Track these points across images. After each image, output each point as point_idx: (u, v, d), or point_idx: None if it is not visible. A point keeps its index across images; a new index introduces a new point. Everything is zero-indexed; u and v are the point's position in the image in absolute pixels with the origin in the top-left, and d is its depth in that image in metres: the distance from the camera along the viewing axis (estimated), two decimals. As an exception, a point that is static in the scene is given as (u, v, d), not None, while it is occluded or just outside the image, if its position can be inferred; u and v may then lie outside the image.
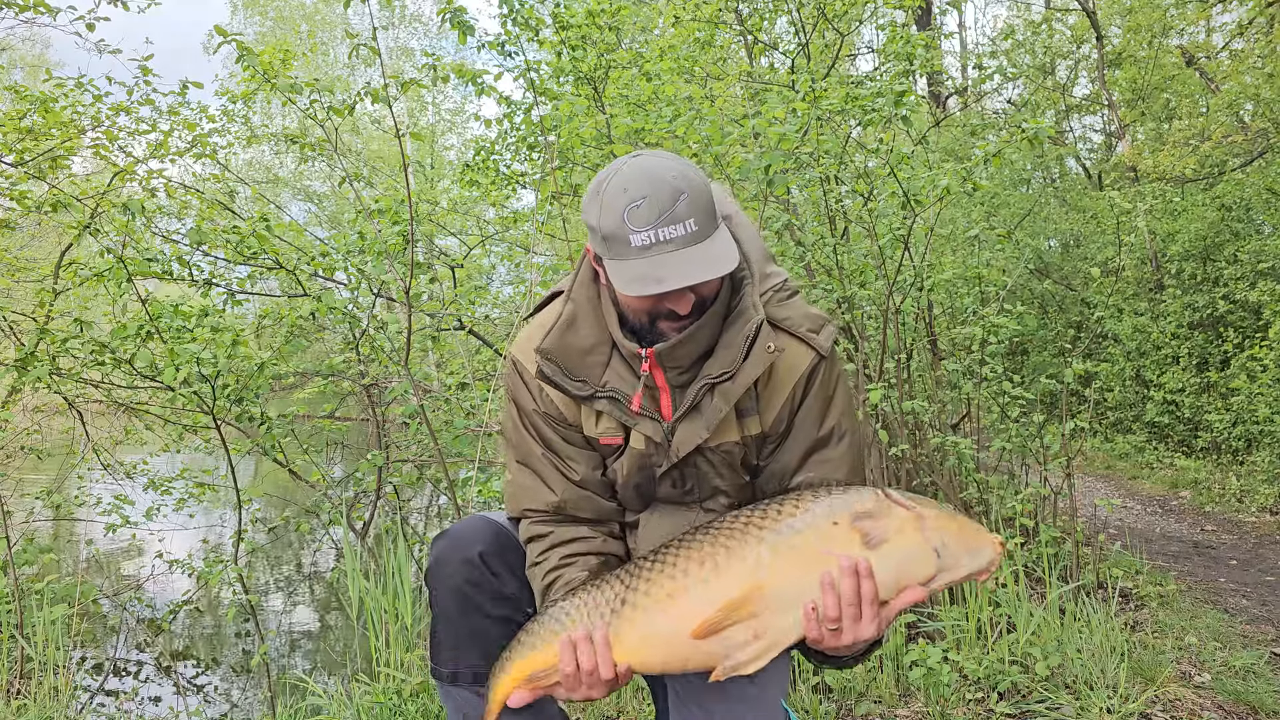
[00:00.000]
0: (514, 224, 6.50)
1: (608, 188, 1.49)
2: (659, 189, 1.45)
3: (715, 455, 1.67)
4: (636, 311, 1.57)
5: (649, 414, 1.63)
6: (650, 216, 1.44)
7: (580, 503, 1.71)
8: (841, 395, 1.69)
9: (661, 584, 1.45)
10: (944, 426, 4.76)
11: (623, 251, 1.46)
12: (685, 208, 1.45)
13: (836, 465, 1.67)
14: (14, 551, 4.06)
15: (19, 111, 4.85)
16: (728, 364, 1.58)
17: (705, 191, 1.49)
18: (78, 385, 5.13)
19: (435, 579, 1.71)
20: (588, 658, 1.46)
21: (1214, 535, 6.38)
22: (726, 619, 1.39)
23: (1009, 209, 11.55)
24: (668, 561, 1.47)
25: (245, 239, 4.21)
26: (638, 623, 1.45)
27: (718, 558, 1.43)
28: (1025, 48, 10.94)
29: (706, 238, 1.47)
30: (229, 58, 20.57)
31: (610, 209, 1.47)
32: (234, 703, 4.34)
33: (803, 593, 1.40)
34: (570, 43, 4.77)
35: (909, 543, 1.40)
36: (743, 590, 1.40)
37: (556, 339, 1.63)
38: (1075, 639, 3.20)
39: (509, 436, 1.78)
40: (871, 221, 4.23)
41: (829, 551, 1.39)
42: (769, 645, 1.40)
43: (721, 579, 1.41)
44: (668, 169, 1.47)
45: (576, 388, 1.63)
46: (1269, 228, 9.48)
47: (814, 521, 1.42)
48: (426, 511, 7.28)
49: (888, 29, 5.03)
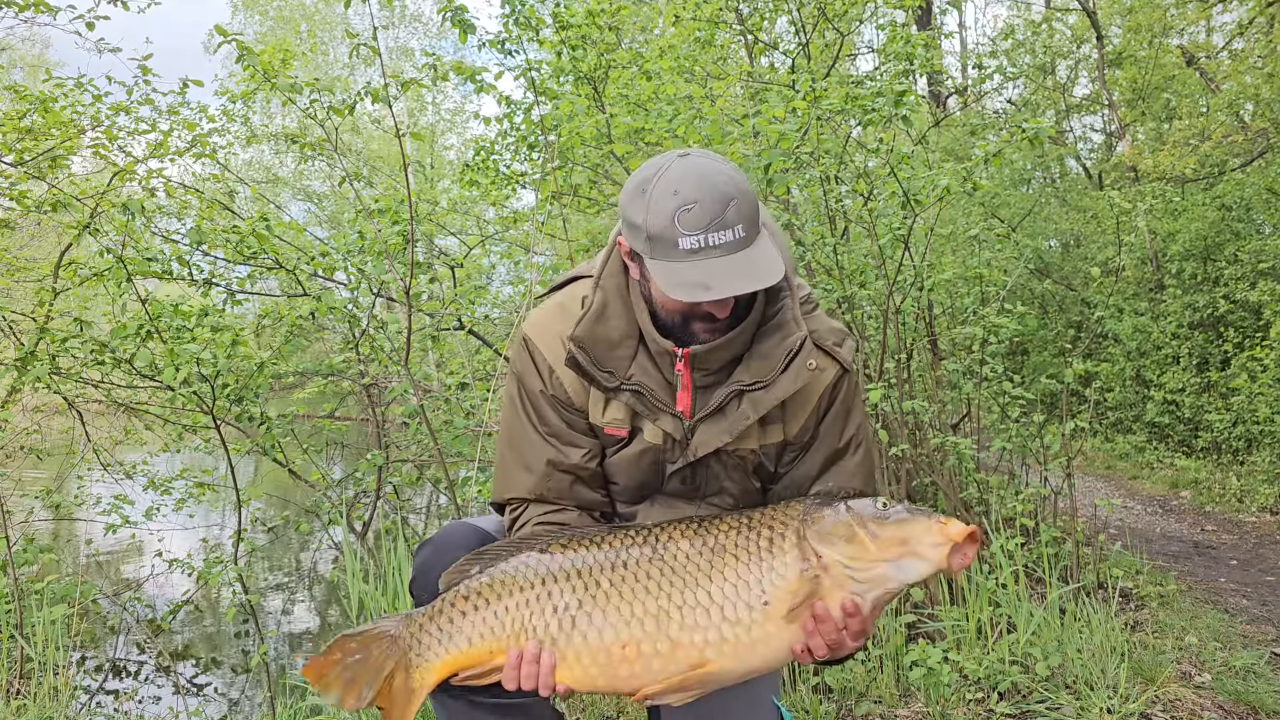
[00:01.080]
0: (514, 224, 6.50)
1: (656, 187, 1.47)
2: (711, 194, 1.43)
3: (731, 459, 1.67)
4: (672, 312, 1.57)
5: (671, 410, 1.63)
6: (701, 221, 1.42)
7: (566, 493, 1.69)
8: (859, 407, 1.72)
9: (616, 626, 1.43)
10: (944, 426, 4.76)
11: (669, 254, 1.45)
12: (734, 213, 1.44)
13: (853, 474, 1.69)
14: (14, 551, 4.06)
15: (19, 111, 4.85)
16: (762, 374, 1.58)
17: (752, 197, 1.49)
18: (77, 385, 5.13)
19: (421, 589, 1.68)
20: (530, 679, 1.44)
21: (1214, 535, 6.38)
22: (667, 691, 1.41)
23: (1009, 209, 11.55)
24: (624, 595, 1.44)
25: (245, 239, 4.21)
26: (583, 654, 1.44)
27: (670, 629, 1.41)
28: (1025, 47, 10.95)
29: (751, 243, 1.47)
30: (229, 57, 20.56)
31: (659, 210, 1.45)
32: (234, 703, 4.34)
33: (746, 669, 1.42)
34: (570, 42, 4.77)
35: (852, 565, 1.40)
36: (689, 667, 1.40)
37: (588, 328, 1.61)
38: (1075, 639, 3.20)
39: (505, 418, 1.75)
40: (871, 221, 4.23)
41: (779, 641, 1.41)
42: (698, 695, 1.43)
43: (674, 654, 1.40)
44: (719, 172, 1.46)
45: (605, 379, 1.61)
46: (1269, 228, 9.47)
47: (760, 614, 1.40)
48: (426, 511, 7.28)
49: (888, 29, 5.03)
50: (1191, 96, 11.72)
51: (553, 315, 1.70)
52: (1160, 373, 9.73)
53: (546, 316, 1.72)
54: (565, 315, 1.68)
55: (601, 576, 1.46)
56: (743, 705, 1.67)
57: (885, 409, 4.12)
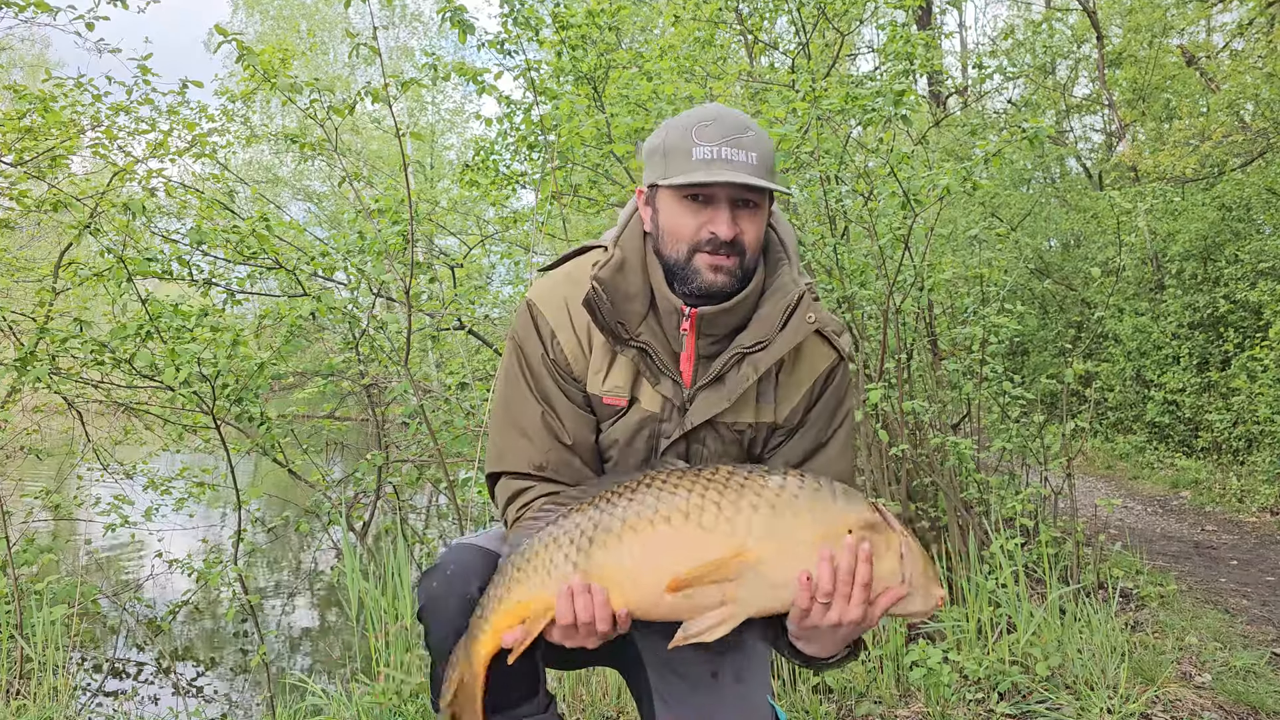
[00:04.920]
0: (514, 224, 6.50)
1: (679, 117, 1.57)
2: (730, 117, 1.52)
3: (728, 433, 1.66)
4: (677, 239, 1.57)
5: (673, 375, 1.63)
6: (716, 135, 1.50)
7: (562, 467, 1.66)
8: (849, 399, 1.73)
9: (643, 520, 1.41)
10: (944, 426, 4.75)
11: (682, 164, 1.51)
12: (751, 140, 1.51)
13: (834, 463, 1.69)
14: (14, 551, 4.06)
15: (19, 111, 4.85)
16: (762, 334, 1.59)
17: (770, 148, 1.55)
18: (77, 385, 5.12)
19: (433, 617, 1.63)
20: (585, 610, 1.40)
21: (1214, 535, 6.38)
22: (704, 577, 1.37)
23: (1009, 209, 11.55)
24: (649, 497, 1.43)
25: (245, 239, 4.21)
26: (612, 551, 1.41)
27: (704, 514, 1.39)
28: (1025, 47, 10.93)
29: (763, 175, 1.52)
30: (229, 57, 20.55)
31: (678, 127, 1.54)
32: (234, 703, 4.34)
33: (782, 573, 1.38)
34: (570, 42, 4.77)
35: (889, 568, 1.41)
36: (728, 552, 1.37)
37: (610, 275, 1.61)
38: (1075, 639, 3.20)
39: (501, 389, 1.73)
40: (871, 221, 4.22)
41: (823, 546, 1.38)
42: (731, 614, 1.39)
43: (709, 537, 1.38)
44: (741, 115, 1.55)
45: (617, 328, 1.61)
46: (1269, 228, 9.47)
47: (819, 515, 1.40)
48: (426, 511, 7.28)
49: (888, 28, 5.02)
50: (1191, 96, 11.71)
51: (559, 282, 1.70)
52: (1160, 373, 9.73)
53: (553, 283, 1.71)
54: (572, 283, 1.67)
55: (630, 498, 1.45)
56: (738, 704, 1.67)
57: (885, 409, 4.12)
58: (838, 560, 1.37)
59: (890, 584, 1.41)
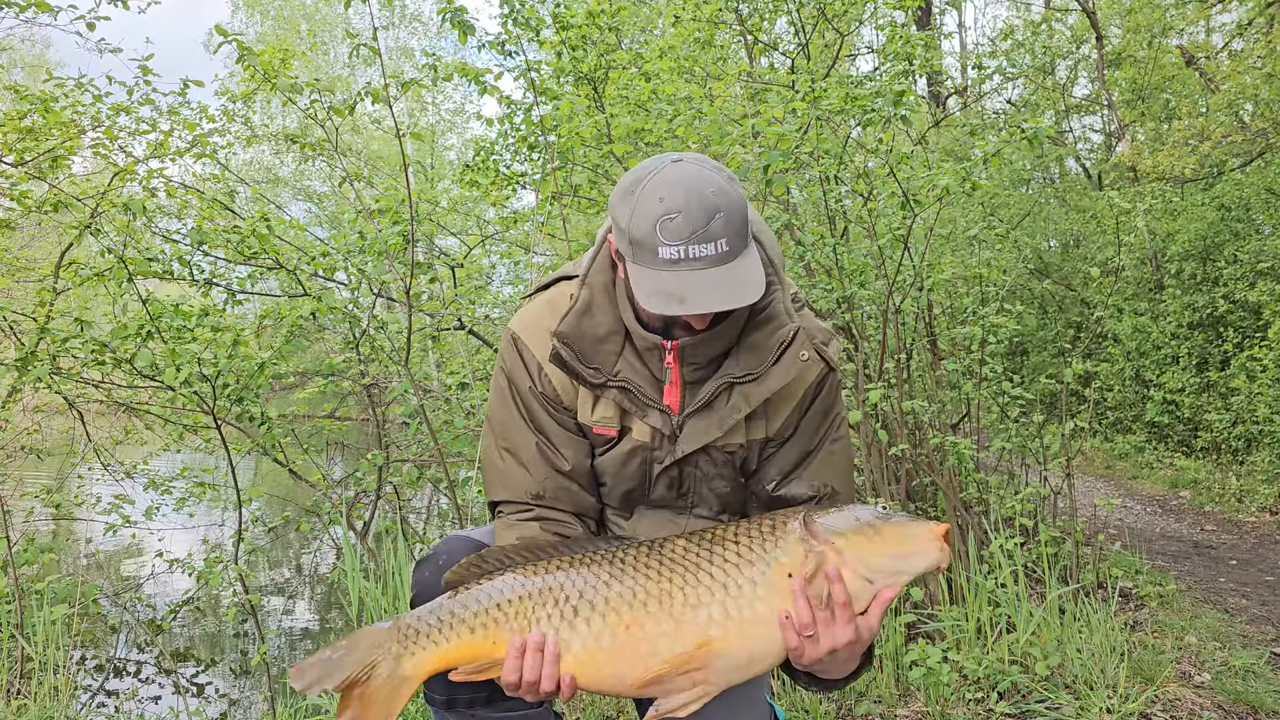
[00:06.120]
0: (514, 224, 6.50)
1: (643, 191, 1.45)
2: (697, 205, 1.41)
3: (719, 455, 1.66)
4: (652, 318, 1.56)
5: (659, 406, 1.61)
6: (683, 232, 1.40)
7: (560, 494, 1.66)
8: (839, 406, 1.72)
9: (619, 609, 1.42)
10: (944, 426, 4.76)
11: (649, 261, 1.43)
12: (720, 226, 1.41)
13: (829, 470, 1.69)
14: (14, 551, 4.06)
15: (19, 111, 4.85)
16: (753, 366, 1.57)
17: (742, 209, 1.46)
18: (78, 385, 5.12)
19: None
20: (533, 670, 1.39)
21: (1214, 535, 6.39)
22: (673, 672, 1.39)
23: (1009, 209, 11.55)
24: (625, 583, 1.44)
25: (245, 239, 4.21)
26: (588, 639, 1.41)
27: (673, 608, 1.40)
28: (1025, 48, 10.95)
29: (736, 257, 1.44)
30: (229, 57, 20.55)
31: (643, 215, 1.43)
32: (234, 703, 4.34)
33: (750, 650, 1.39)
34: (570, 43, 4.77)
35: (848, 577, 1.39)
36: (694, 645, 1.38)
37: (574, 324, 1.59)
38: (1075, 639, 3.20)
39: (494, 417, 1.73)
40: (871, 221, 4.23)
41: (781, 613, 1.38)
42: (704, 694, 1.40)
43: (679, 633, 1.39)
44: (708, 183, 1.43)
45: (590, 375, 1.59)
46: (1268, 228, 9.48)
47: (762, 580, 1.40)
48: (426, 511, 7.28)
49: (887, 29, 5.03)
50: (1191, 97, 11.72)
51: (541, 312, 1.68)
52: (1160, 373, 9.74)
53: (535, 313, 1.70)
54: (554, 311, 1.65)
55: (604, 570, 1.46)
56: (736, 703, 1.67)
57: (885, 409, 4.12)
58: (797, 602, 1.37)
59: (860, 592, 1.38)
